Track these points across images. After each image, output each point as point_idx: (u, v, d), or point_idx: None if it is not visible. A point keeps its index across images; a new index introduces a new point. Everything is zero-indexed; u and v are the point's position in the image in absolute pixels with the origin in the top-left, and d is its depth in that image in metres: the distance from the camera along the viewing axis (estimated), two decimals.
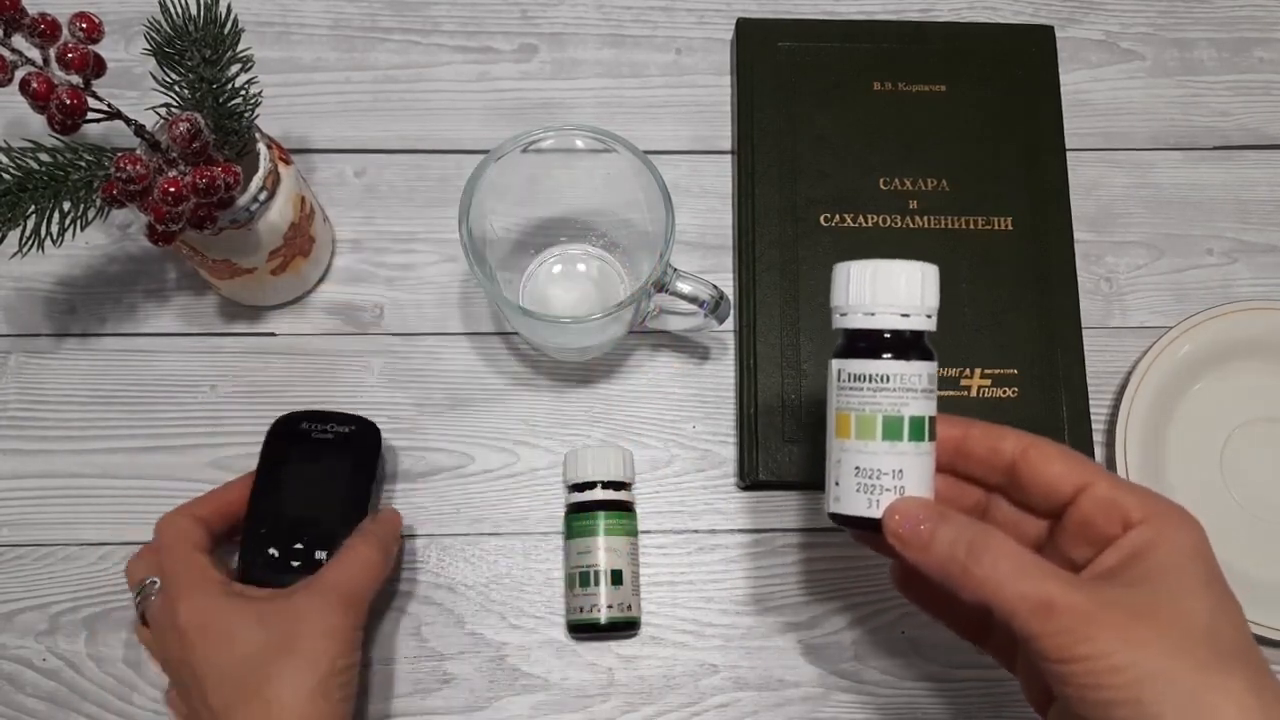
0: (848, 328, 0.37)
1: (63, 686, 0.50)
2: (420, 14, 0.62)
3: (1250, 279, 0.59)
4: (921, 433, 0.36)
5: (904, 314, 0.36)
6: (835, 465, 0.36)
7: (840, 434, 0.36)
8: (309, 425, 0.50)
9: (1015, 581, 0.32)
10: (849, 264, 0.36)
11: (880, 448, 0.35)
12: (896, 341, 0.36)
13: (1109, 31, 0.63)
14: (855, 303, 0.36)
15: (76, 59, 0.42)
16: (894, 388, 0.35)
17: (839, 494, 0.36)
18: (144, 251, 0.57)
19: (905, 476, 0.35)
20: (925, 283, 0.36)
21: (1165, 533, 0.33)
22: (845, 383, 0.36)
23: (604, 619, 0.49)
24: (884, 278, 0.36)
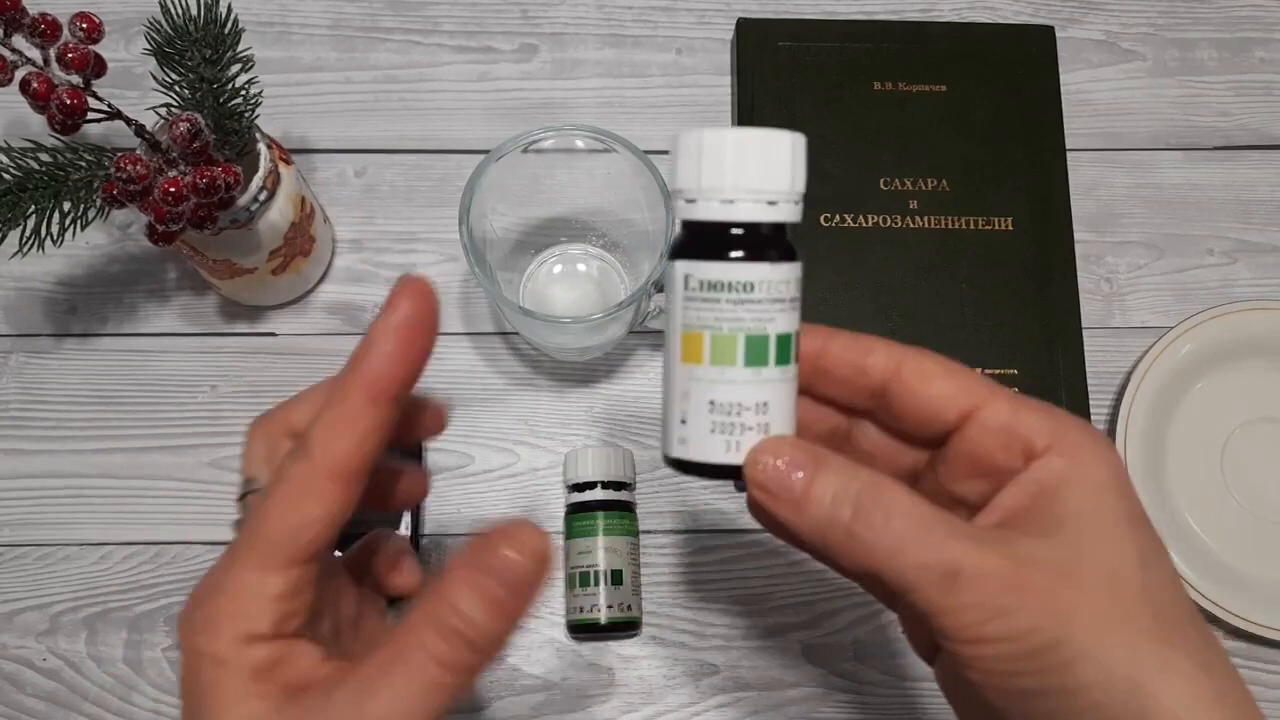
0: (696, 219, 0.28)
1: (63, 686, 0.50)
2: (421, 14, 0.62)
3: (1251, 279, 0.59)
4: (788, 354, 0.29)
5: (771, 201, 0.28)
6: (681, 398, 0.28)
7: (688, 358, 0.28)
8: None
9: (914, 546, 0.26)
10: (699, 132, 0.28)
11: (742, 375, 0.28)
12: (762, 237, 0.28)
13: (1109, 31, 0.63)
14: (710, 184, 0.28)
15: (77, 59, 0.42)
16: (760, 298, 0.28)
17: (686, 435, 0.28)
18: (144, 251, 0.57)
19: (771, 410, 0.28)
20: (796, 158, 0.28)
21: (1079, 463, 0.27)
22: (695, 292, 0.28)
23: (604, 619, 0.49)
24: (747, 151, 0.28)
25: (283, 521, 0.26)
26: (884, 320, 0.55)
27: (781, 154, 0.28)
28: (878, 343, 0.30)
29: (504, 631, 0.26)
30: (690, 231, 0.29)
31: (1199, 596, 0.51)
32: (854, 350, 0.31)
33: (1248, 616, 0.51)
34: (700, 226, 0.28)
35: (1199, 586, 0.51)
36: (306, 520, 0.26)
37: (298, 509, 0.26)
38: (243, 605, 0.26)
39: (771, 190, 0.28)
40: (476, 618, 0.25)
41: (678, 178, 0.28)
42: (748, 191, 0.28)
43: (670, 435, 0.29)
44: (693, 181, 0.28)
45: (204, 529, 0.52)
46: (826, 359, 0.31)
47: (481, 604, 0.25)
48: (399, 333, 0.28)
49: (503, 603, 0.25)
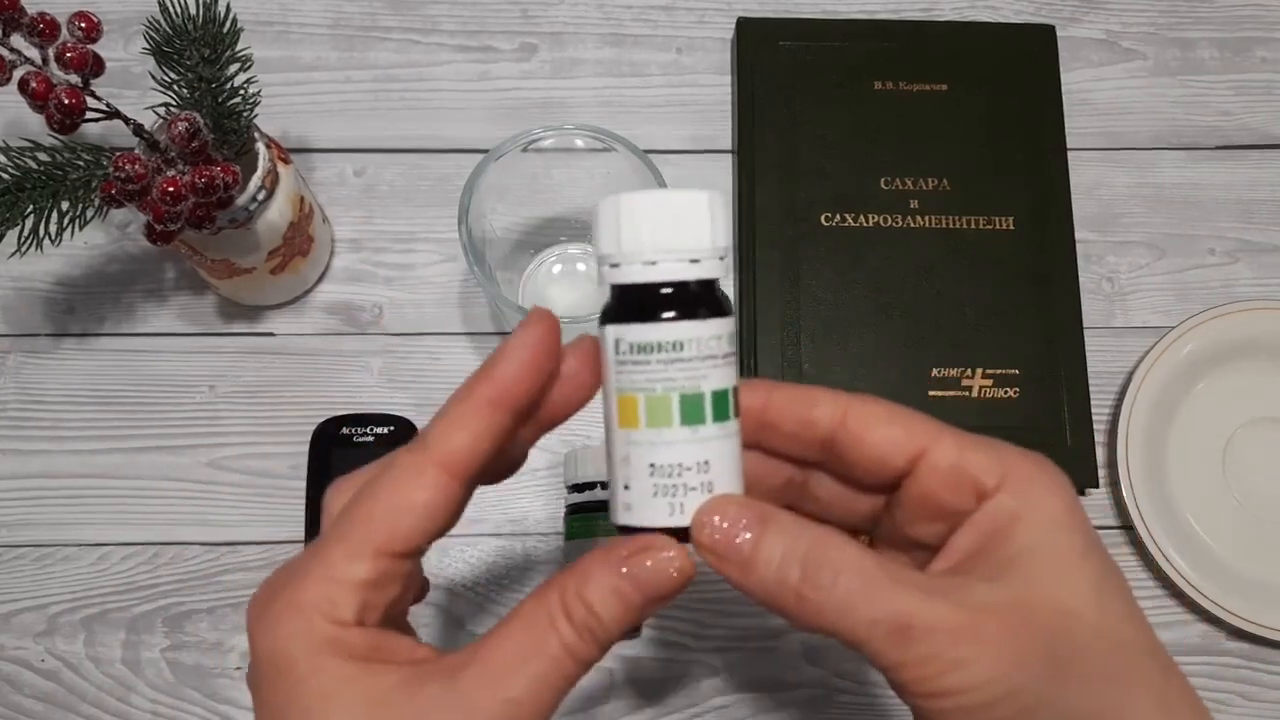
0: (621, 283, 0.28)
1: (61, 687, 0.50)
2: (420, 13, 0.62)
3: (1252, 279, 0.59)
4: (726, 410, 0.28)
5: (693, 259, 0.28)
6: (622, 463, 0.28)
7: (625, 423, 0.28)
8: (350, 429, 0.51)
9: (863, 603, 0.25)
10: (617, 198, 0.28)
11: (679, 435, 0.28)
12: (688, 295, 0.28)
13: (1110, 31, 0.63)
14: (630, 248, 0.27)
15: (75, 58, 0.42)
16: (690, 356, 0.28)
17: (630, 500, 0.28)
18: (143, 251, 0.57)
19: (713, 468, 0.28)
20: (715, 215, 0.28)
21: (1029, 498, 0.27)
22: (627, 355, 0.28)
23: None
24: (664, 212, 0.28)
25: (383, 503, 0.26)
26: (884, 320, 0.55)
27: (699, 212, 0.28)
28: (822, 393, 0.30)
29: (621, 634, 0.27)
30: (617, 296, 0.29)
31: (1199, 596, 0.51)
32: (798, 403, 0.30)
33: (1248, 616, 0.51)
34: (626, 290, 0.28)
35: (1199, 586, 0.51)
36: (408, 504, 0.26)
37: (400, 492, 0.26)
38: (328, 590, 0.25)
39: (692, 248, 0.28)
40: (607, 619, 0.26)
41: (600, 244, 0.28)
42: (667, 251, 0.28)
43: (616, 502, 0.29)
44: (614, 246, 0.28)
45: (202, 529, 0.52)
46: (771, 413, 0.30)
47: (618, 606, 0.26)
48: (529, 348, 0.28)
49: (636, 610, 0.26)
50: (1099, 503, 0.54)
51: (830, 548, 0.26)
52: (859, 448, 0.29)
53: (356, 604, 0.26)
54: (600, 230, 0.28)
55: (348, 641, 0.25)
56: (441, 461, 0.26)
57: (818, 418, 0.30)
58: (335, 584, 0.25)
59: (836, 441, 0.29)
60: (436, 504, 0.26)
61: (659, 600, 0.27)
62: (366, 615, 0.26)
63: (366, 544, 0.26)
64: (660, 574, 0.27)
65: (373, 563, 0.26)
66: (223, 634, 0.51)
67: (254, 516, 0.52)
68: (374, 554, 0.26)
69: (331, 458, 0.52)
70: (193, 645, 0.50)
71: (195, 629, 0.51)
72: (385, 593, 0.26)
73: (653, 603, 0.27)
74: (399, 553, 0.26)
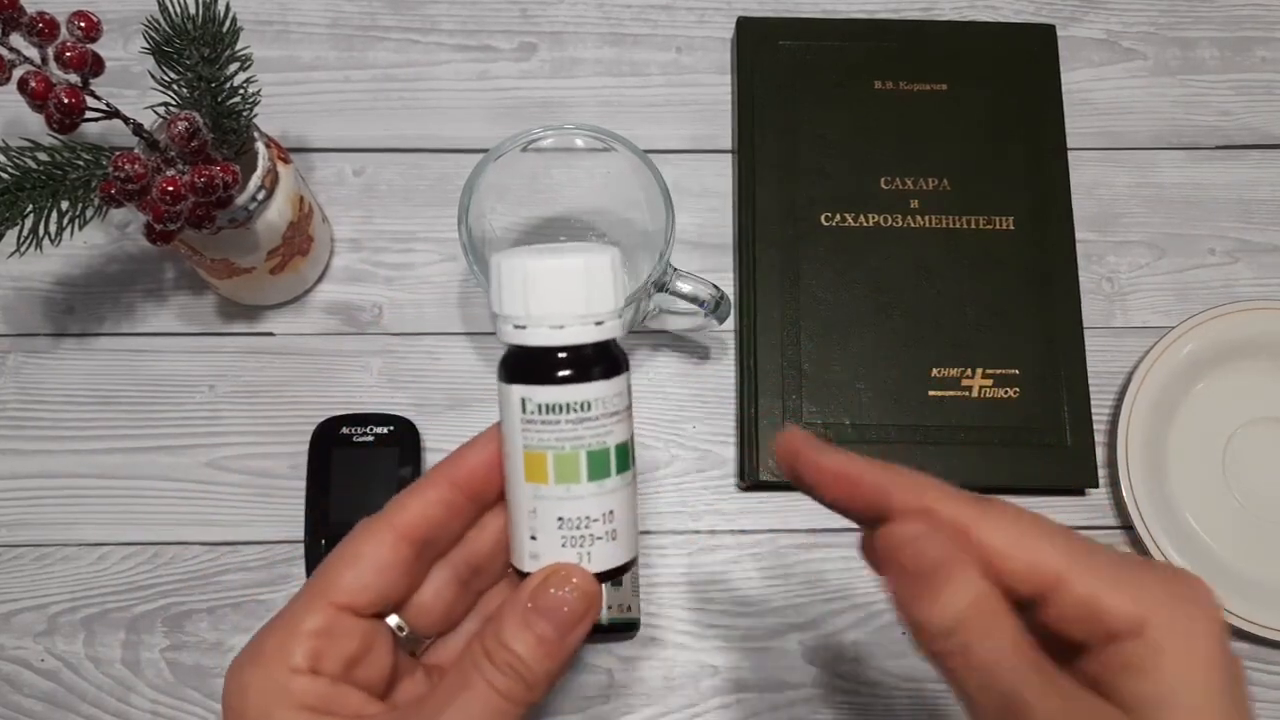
0: (528, 345, 0.29)
1: (60, 687, 0.50)
2: (419, 12, 0.61)
3: (1252, 279, 0.59)
4: (627, 461, 0.30)
5: (599, 321, 0.29)
6: (529, 516, 0.29)
7: (532, 478, 0.29)
8: (350, 429, 0.51)
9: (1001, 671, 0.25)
10: (524, 261, 0.29)
11: (587, 490, 0.29)
12: (594, 356, 0.29)
13: (1111, 30, 0.63)
14: (539, 311, 0.28)
15: (75, 58, 0.42)
16: (597, 414, 0.29)
17: (538, 550, 0.29)
18: (142, 251, 0.57)
19: (617, 517, 0.29)
20: (617, 275, 0.29)
21: (1171, 646, 0.25)
22: (535, 415, 0.29)
23: (604, 620, 0.49)
24: (571, 278, 0.28)
25: (334, 558, 0.29)
26: (884, 320, 0.55)
27: (604, 276, 0.29)
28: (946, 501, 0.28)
29: (553, 669, 0.28)
30: (523, 355, 0.29)
31: None
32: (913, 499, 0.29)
33: (1248, 616, 0.51)
34: (533, 352, 0.29)
35: None
36: (354, 556, 0.29)
37: (349, 547, 0.29)
38: (282, 638, 0.28)
39: (598, 312, 0.29)
40: (526, 656, 0.27)
41: (503, 304, 0.29)
42: (577, 316, 0.29)
43: (521, 549, 0.30)
44: (520, 309, 0.29)
45: (202, 529, 0.52)
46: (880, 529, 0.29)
47: (533, 643, 0.27)
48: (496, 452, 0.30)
49: (551, 642, 0.27)
50: (1099, 503, 0.54)
51: (1001, 614, 0.26)
52: (983, 563, 0.27)
53: (308, 651, 0.27)
54: (503, 291, 0.29)
55: (297, 690, 0.27)
56: (392, 522, 0.29)
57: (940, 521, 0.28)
58: (288, 632, 0.28)
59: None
60: (382, 559, 0.29)
61: (569, 627, 0.28)
62: (321, 664, 0.28)
63: (318, 595, 0.28)
64: (565, 602, 0.28)
65: (322, 613, 0.28)
66: (223, 634, 0.51)
67: (254, 516, 0.52)
68: (324, 605, 0.28)
69: (331, 458, 0.52)
70: (192, 645, 0.50)
71: (195, 629, 0.51)
72: (340, 645, 0.28)
73: (564, 630, 0.28)
74: (346, 605, 0.28)
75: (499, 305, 0.29)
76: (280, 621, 0.28)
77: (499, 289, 0.29)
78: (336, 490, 0.51)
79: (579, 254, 0.29)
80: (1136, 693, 0.25)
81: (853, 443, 0.53)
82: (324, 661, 0.28)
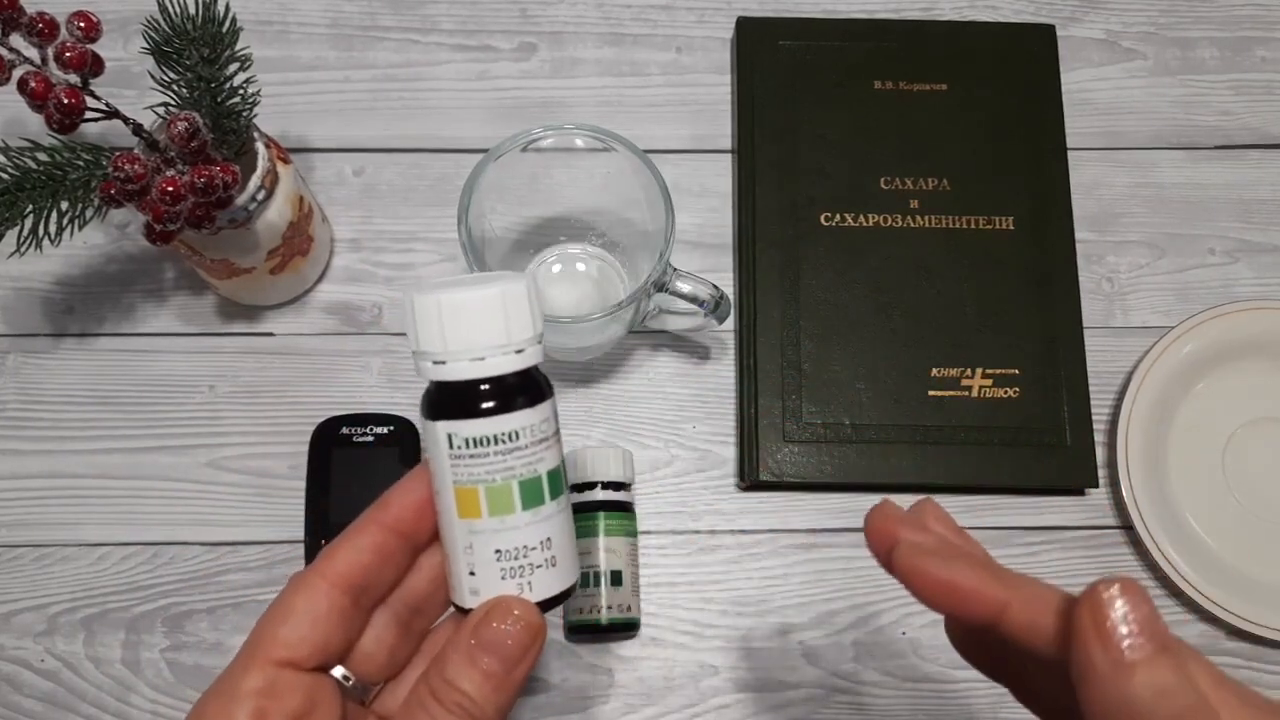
0: (450, 380, 0.28)
1: (61, 687, 0.50)
2: (419, 12, 0.61)
3: (1252, 279, 0.59)
4: (560, 486, 0.29)
5: (519, 349, 0.29)
6: (465, 551, 0.29)
7: (466, 513, 0.28)
8: (350, 429, 0.51)
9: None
10: (437, 296, 0.28)
11: (522, 519, 0.28)
12: (517, 385, 0.29)
13: (1110, 30, 0.63)
14: (457, 346, 0.28)
15: (74, 58, 0.42)
16: (526, 443, 0.28)
17: (477, 585, 0.29)
18: (142, 251, 0.57)
19: (555, 544, 0.29)
20: (534, 302, 0.29)
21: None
22: (462, 449, 0.28)
23: (605, 620, 0.49)
24: (490, 308, 0.28)
25: (268, 615, 0.28)
26: (884, 320, 0.55)
27: (520, 304, 0.28)
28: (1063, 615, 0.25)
29: (503, 703, 0.27)
30: (445, 391, 0.29)
31: (1199, 596, 0.51)
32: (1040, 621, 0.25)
33: (1248, 616, 0.51)
34: (455, 386, 0.28)
35: (1199, 586, 0.51)
36: (288, 610, 0.28)
37: (284, 602, 0.28)
38: (226, 703, 0.27)
39: (517, 340, 0.28)
40: (474, 693, 0.27)
41: (420, 340, 0.28)
42: (496, 347, 0.28)
43: (461, 586, 0.29)
44: (438, 344, 0.28)
45: (202, 529, 0.52)
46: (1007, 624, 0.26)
47: (478, 679, 0.27)
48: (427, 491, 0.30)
49: (498, 676, 0.27)
50: (1099, 503, 0.54)
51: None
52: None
53: (250, 711, 0.27)
54: (420, 327, 0.28)
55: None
56: (324, 572, 0.28)
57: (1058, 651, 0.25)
58: (229, 696, 0.27)
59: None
60: (317, 610, 0.28)
61: (515, 660, 0.27)
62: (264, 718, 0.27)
63: (256, 653, 0.28)
64: (509, 635, 0.27)
65: (261, 671, 0.27)
66: (222, 634, 0.51)
67: (254, 516, 0.52)
68: (263, 663, 0.27)
69: (331, 458, 0.52)
70: (192, 645, 0.50)
71: (195, 629, 0.51)
72: (283, 701, 0.28)
73: (510, 664, 0.27)
74: (284, 660, 0.28)
75: (416, 342, 0.29)
76: (220, 685, 0.28)
77: (415, 326, 0.28)
78: (336, 490, 0.51)
79: (494, 283, 0.28)
80: None
81: (853, 443, 0.53)
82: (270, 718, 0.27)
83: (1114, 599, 0.23)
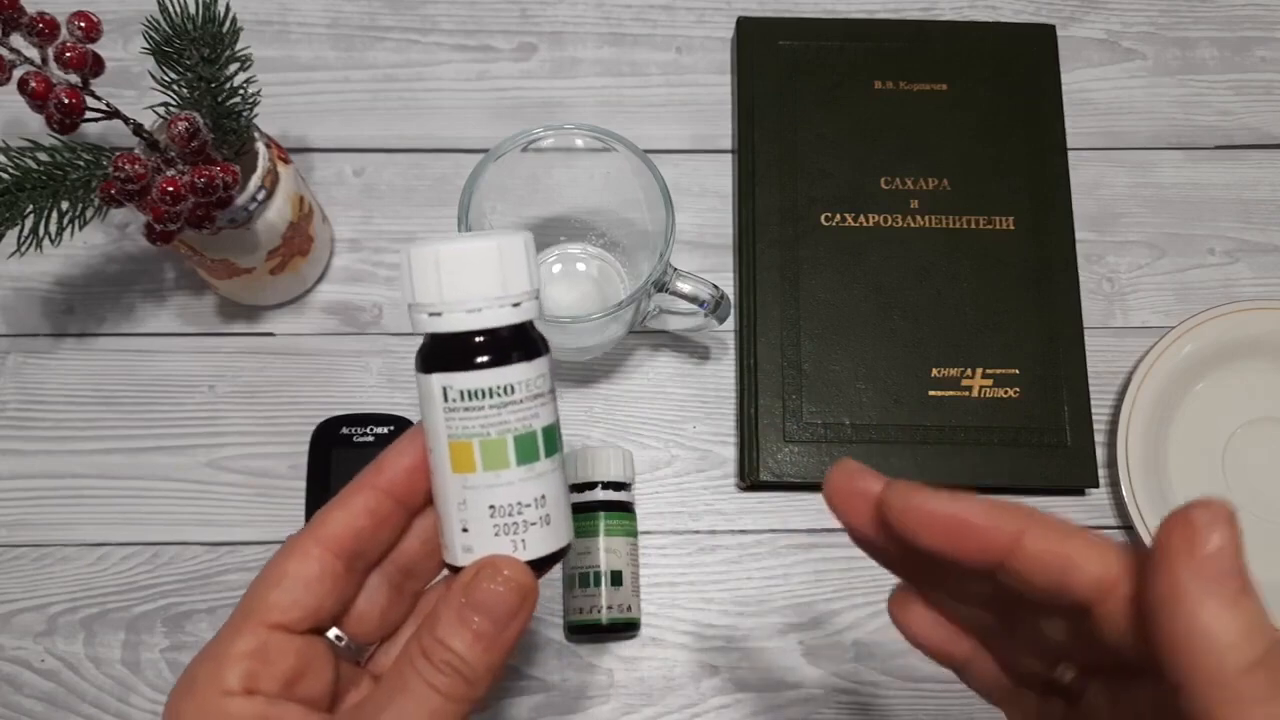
0: (445, 331, 0.28)
1: (61, 687, 0.50)
2: (419, 12, 0.61)
3: (1252, 279, 0.59)
4: (555, 444, 0.29)
5: (515, 303, 0.28)
6: (459, 507, 0.28)
7: (460, 468, 0.28)
8: (350, 429, 0.51)
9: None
10: (434, 247, 0.28)
11: (516, 475, 0.28)
12: (513, 339, 0.29)
13: (1110, 30, 0.63)
14: (453, 296, 0.28)
15: (75, 58, 0.42)
16: (521, 397, 0.28)
17: (470, 543, 0.28)
18: (142, 251, 0.57)
19: (549, 502, 0.29)
20: (530, 257, 0.29)
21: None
22: (457, 403, 0.28)
23: (605, 620, 0.49)
24: (486, 259, 0.28)
25: (261, 578, 0.28)
26: (884, 320, 0.55)
27: (518, 256, 0.28)
28: (1088, 547, 0.24)
29: (493, 662, 0.27)
30: (440, 343, 0.29)
31: None
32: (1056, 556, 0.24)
33: None
34: (450, 338, 0.28)
35: None
36: (280, 575, 0.28)
37: (276, 566, 0.28)
38: (217, 666, 0.27)
39: (514, 293, 0.28)
40: (464, 652, 0.27)
41: (416, 292, 0.28)
42: (493, 299, 0.28)
43: (453, 544, 0.29)
44: (434, 295, 0.28)
45: (202, 529, 0.52)
46: (1019, 559, 0.25)
47: (469, 638, 0.27)
48: (421, 453, 0.30)
49: (488, 636, 0.27)
50: (1099, 503, 0.54)
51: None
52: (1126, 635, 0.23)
53: (241, 673, 0.27)
54: (415, 279, 0.28)
55: (234, 712, 0.27)
56: (318, 536, 0.28)
57: (1077, 583, 0.24)
58: (220, 658, 0.27)
59: (1095, 615, 0.24)
60: (309, 575, 0.28)
61: (506, 620, 0.27)
62: (257, 684, 0.27)
63: (248, 617, 0.28)
64: (499, 594, 0.27)
65: (253, 634, 0.27)
66: None
67: (254, 516, 0.52)
68: (254, 626, 0.28)
69: (331, 458, 0.52)
70: (192, 645, 0.50)
71: (195, 629, 0.51)
72: (276, 664, 0.28)
73: (501, 624, 0.27)
74: (276, 623, 0.28)
75: (412, 295, 0.28)
76: (211, 649, 0.28)
77: (410, 278, 0.28)
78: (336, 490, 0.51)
79: (490, 237, 0.28)
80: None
81: (853, 443, 0.53)
82: (260, 681, 0.27)
83: (1211, 524, 0.22)
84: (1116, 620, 0.24)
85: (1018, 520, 0.25)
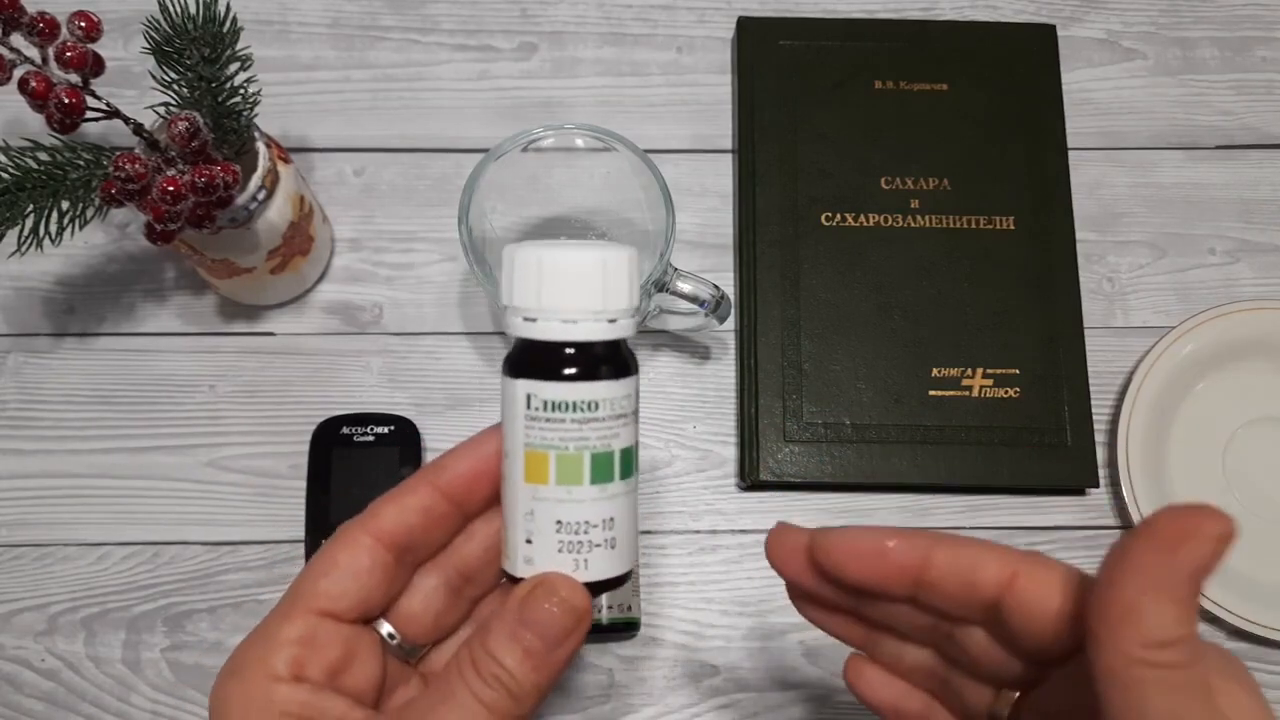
0: (538, 338, 0.28)
1: (61, 687, 0.50)
2: (419, 12, 0.61)
3: (1253, 279, 0.59)
4: (631, 467, 0.29)
5: (612, 319, 0.28)
6: (525, 518, 0.28)
7: (533, 478, 0.28)
8: (350, 429, 0.51)
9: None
10: (538, 250, 0.28)
11: (588, 494, 0.28)
12: (605, 355, 0.28)
13: (1111, 30, 0.63)
14: (551, 304, 0.27)
15: (75, 58, 0.42)
16: (604, 415, 0.28)
17: (532, 555, 0.28)
18: (143, 251, 0.57)
19: (617, 525, 0.28)
20: (633, 275, 0.29)
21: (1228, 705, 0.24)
22: (539, 412, 0.28)
23: (605, 619, 0.49)
24: (588, 272, 0.27)
25: (312, 567, 0.29)
26: (884, 320, 0.55)
27: (621, 273, 0.28)
28: (988, 553, 0.27)
29: (541, 682, 0.27)
30: (530, 350, 0.28)
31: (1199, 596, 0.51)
32: (961, 563, 0.27)
33: (1248, 616, 0.51)
34: (541, 346, 0.28)
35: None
36: (331, 564, 0.28)
37: (327, 555, 0.29)
38: (265, 650, 0.27)
39: (613, 309, 0.28)
40: (514, 669, 0.27)
41: (514, 294, 0.28)
42: (591, 312, 0.28)
43: (515, 553, 0.29)
44: (532, 300, 0.28)
45: (203, 529, 0.52)
46: (931, 573, 0.28)
47: (519, 655, 0.27)
48: (484, 447, 0.30)
49: (538, 655, 0.27)
50: (1099, 503, 0.54)
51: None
52: (1026, 620, 0.26)
53: (289, 659, 0.27)
54: (516, 281, 0.28)
55: (279, 698, 0.27)
56: (370, 529, 0.29)
57: (982, 581, 0.27)
58: (269, 642, 0.27)
59: (1002, 608, 0.26)
60: (359, 566, 0.28)
61: (557, 641, 0.27)
62: (303, 671, 0.27)
63: (297, 603, 0.28)
64: (553, 615, 0.27)
65: (301, 620, 0.28)
66: (223, 634, 0.51)
67: (254, 516, 0.52)
68: (303, 612, 0.28)
69: (331, 458, 0.52)
70: (193, 645, 0.50)
71: (195, 629, 0.51)
72: (322, 652, 0.28)
73: (553, 644, 0.27)
74: (325, 611, 0.28)
75: (509, 297, 0.28)
76: (261, 632, 0.28)
77: (510, 280, 0.28)
78: (336, 490, 0.51)
79: (596, 249, 0.28)
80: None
81: (853, 442, 0.53)
82: (306, 669, 0.27)
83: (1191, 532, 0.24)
84: (1025, 607, 0.26)
85: (927, 540, 0.28)
